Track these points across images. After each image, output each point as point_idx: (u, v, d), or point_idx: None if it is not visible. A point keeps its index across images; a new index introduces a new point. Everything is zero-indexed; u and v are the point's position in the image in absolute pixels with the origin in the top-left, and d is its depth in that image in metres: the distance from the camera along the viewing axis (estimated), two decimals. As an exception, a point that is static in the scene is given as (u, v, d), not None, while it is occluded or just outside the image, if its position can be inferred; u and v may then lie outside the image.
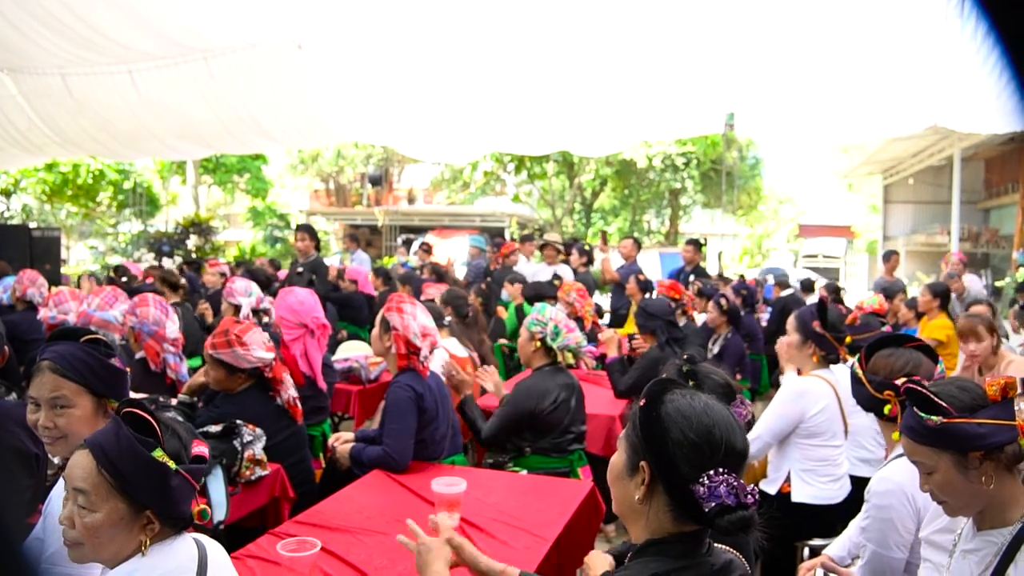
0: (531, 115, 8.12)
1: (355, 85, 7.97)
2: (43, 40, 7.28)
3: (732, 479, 1.39)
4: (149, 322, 3.79)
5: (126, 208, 19.50)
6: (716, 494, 1.38)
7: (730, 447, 1.42)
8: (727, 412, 1.47)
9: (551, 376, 3.83)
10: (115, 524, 1.55)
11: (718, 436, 1.42)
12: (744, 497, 1.38)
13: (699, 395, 1.50)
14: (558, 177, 22.88)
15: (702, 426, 1.43)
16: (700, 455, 1.41)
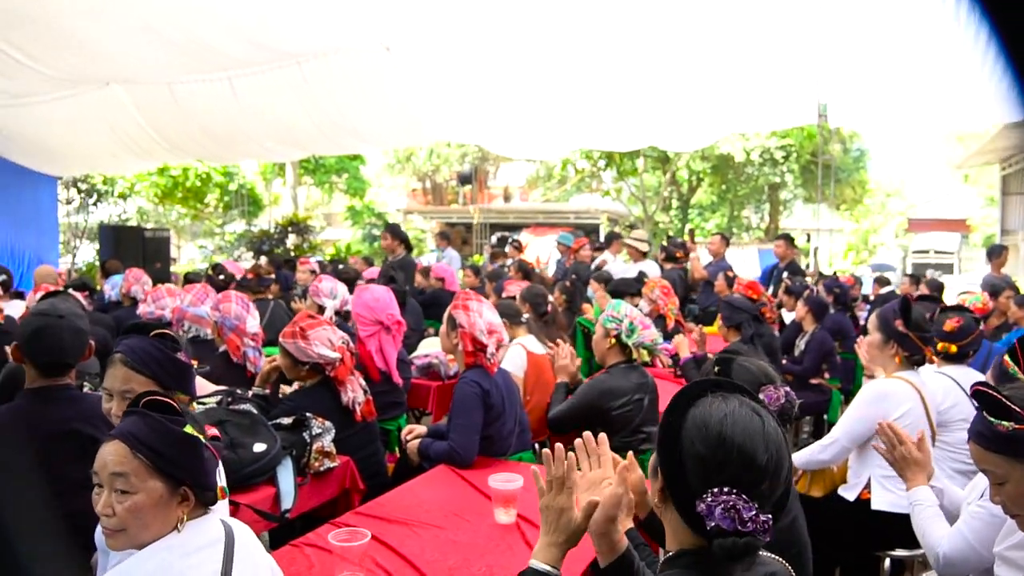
0: (619, 110, 8.05)
1: (443, 84, 8.08)
2: (152, 53, 7.69)
3: (733, 499, 1.29)
4: (231, 317, 3.97)
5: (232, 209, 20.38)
6: (713, 514, 1.30)
7: (747, 461, 1.32)
8: (754, 423, 1.36)
9: (625, 374, 3.79)
10: (156, 503, 1.62)
11: (730, 450, 1.33)
12: (742, 524, 1.29)
13: (731, 400, 1.39)
14: (653, 173, 22.58)
15: (714, 438, 1.34)
16: (706, 469, 1.33)
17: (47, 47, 7.88)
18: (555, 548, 1.65)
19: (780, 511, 1.37)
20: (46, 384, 2.70)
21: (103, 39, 7.49)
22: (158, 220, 21.32)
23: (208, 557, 1.65)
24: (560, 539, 1.65)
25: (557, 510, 1.66)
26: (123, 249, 11.92)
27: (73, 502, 2.56)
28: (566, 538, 1.65)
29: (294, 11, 6.85)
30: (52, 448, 2.59)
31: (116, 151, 10.68)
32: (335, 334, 3.40)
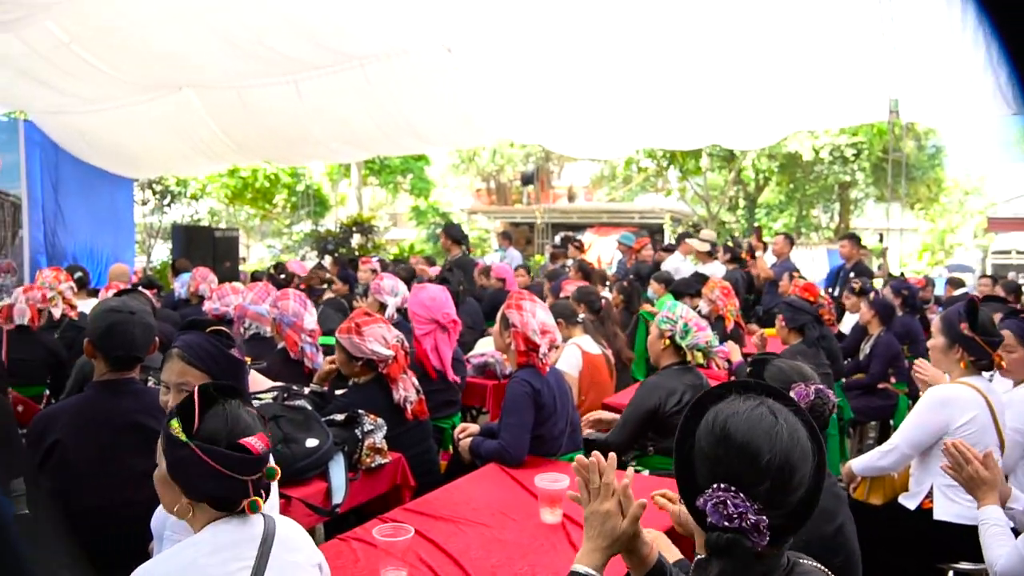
0: (682, 107, 7.96)
1: (504, 85, 8.12)
2: (222, 58, 7.92)
3: (723, 494, 1.29)
4: (288, 314, 4.07)
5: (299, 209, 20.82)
6: (708, 509, 1.30)
7: (748, 458, 1.31)
8: (764, 422, 1.35)
9: (678, 375, 3.76)
10: None
11: (731, 446, 1.32)
12: (728, 519, 1.28)
13: (749, 400, 1.38)
14: (718, 172, 22.25)
15: (718, 434, 1.34)
16: (709, 465, 1.34)
17: (125, 55, 8.19)
18: (598, 553, 1.64)
19: (799, 519, 1.34)
20: (114, 377, 2.81)
21: (176, 46, 7.75)
22: (228, 220, 21.92)
23: (238, 555, 1.66)
24: (604, 544, 1.64)
25: (601, 515, 1.64)
26: (194, 248, 12.26)
27: (135, 492, 2.65)
28: (610, 543, 1.64)
29: (358, 14, 6.97)
30: (117, 439, 2.69)
31: (188, 153, 11.02)
32: (390, 332, 3.45)
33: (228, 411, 1.71)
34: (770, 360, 2.42)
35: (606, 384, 4.86)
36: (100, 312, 2.89)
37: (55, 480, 2.68)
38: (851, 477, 3.52)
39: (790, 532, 1.36)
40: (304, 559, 1.79)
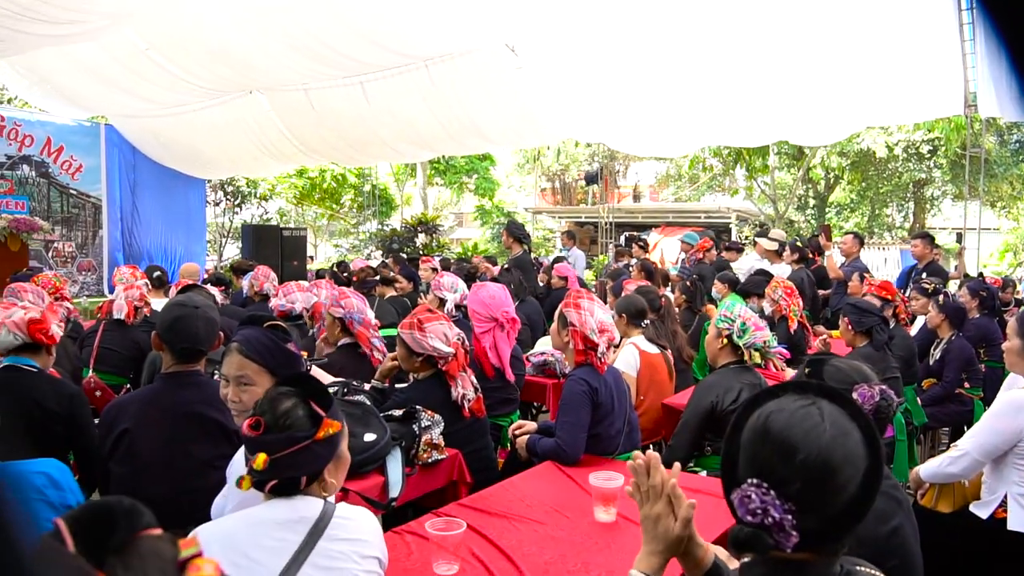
0: (747, 104, 7.82)
1: (567, 83, 8.12)
2: (291, 62, 8.12)
3: (750, 488, 1.28)
4: (355, 311, 4.14)
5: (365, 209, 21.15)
6: (735, 503, 1.30)
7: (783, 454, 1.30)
8: (807, 421, 1.33)
9: (736, 374, 3.71)
10: None
11: (767, 441, 1.32)
12: (751, 514, 1.27)
13: (799, 399, 1.37)
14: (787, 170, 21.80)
15: (758, 429, 1.34)
16: (746, 459, 1.34)
17: (198, 60, 8.46)
18: (655, 557, 1.61)
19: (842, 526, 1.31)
20: (179, 369, 2.90)
21: (247, 51, 7.97)
22: (296, 220, 22.41)
23: (275, 533, 1.72)
24: (659, 548, 1.61)
25: (654, 518, 1.62)
26: (263, 247, 12.57)
27: (197, 480, 2.74)
28: (665, 547, 1.61)
29: (422, 16, 7.05)
30: (180, 429, 2.78)
31: (258, 155, 11.31)
32: (451, 329, 3.48)
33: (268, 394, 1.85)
34: (828, 360, 2.36)
35: (665, 384, 4.80)
36: (167, 307, 3.00)
37: (123, 467, 2.78)
38: (919, 483, 3.41)
39: (832, 539, 1.33)
40: (359, 549, 1.81)
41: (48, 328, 3.20)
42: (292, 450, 1.73)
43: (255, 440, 1.73)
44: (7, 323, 3.15)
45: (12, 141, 11.41)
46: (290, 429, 1.74)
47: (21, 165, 11.54)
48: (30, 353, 3.21)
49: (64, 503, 2.07)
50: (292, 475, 1.75)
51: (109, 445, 2.82)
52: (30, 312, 3.20)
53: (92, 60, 8.75)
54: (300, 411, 1.77)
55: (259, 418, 1.75)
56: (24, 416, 3.05)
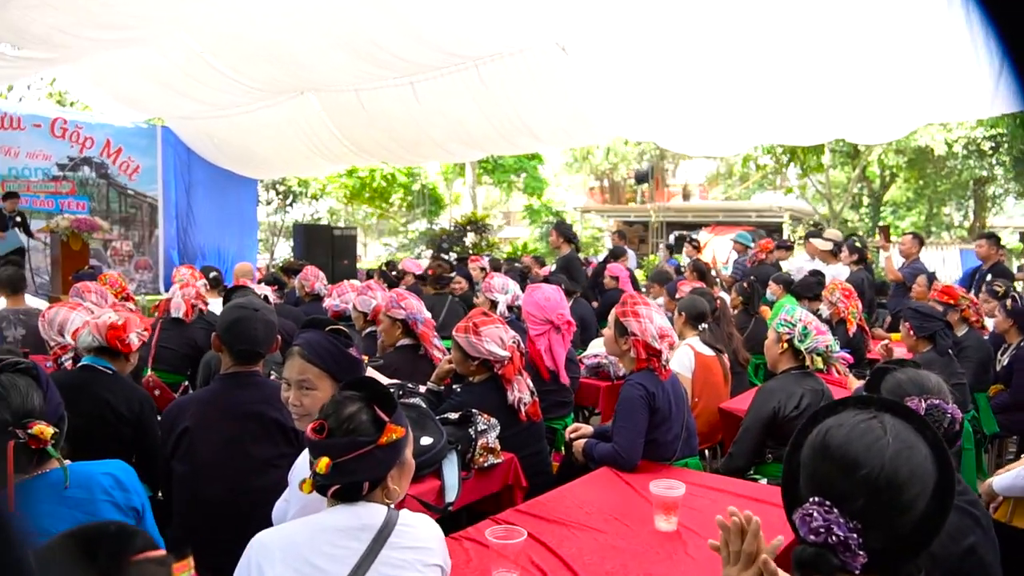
0: (803, 101, 7.65)
1: (619, 82, 8.04)
2: (342, 63, 8.19)
3: (812, 507, 1.24)
4: (415, 311, 4.15)
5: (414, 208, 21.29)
6: (797, 523, 1.26)
7: (844, 469, 1.26)
8: (869, 435, 1.28)
9: (797, 380, 3.62)
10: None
11: (827, 456, 1.28)
12: (813, 533, 1.22)
13: (861, 413, 1.32)
14: (841, 168, 21.36)
15: (818, 444, 1.30)
16: (806, 476, 1.30)
17: (251, 61, 8.57)
18: None
19: (912, 545, 1.26)
20: (238, 370, 2.93)
21: (299, 52, 8.05)
22: (347, 219, 22.65)
23: (337, 540, 1.70)
24: None
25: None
26: (314, 246, 12.71)
27: (255, 479, 2.76)
28: None
29: (472, 16, 7.04)
30: (239, 429, 2.80)
31: (309, 155, 11.43)
32: (507, 333, 3.46)
33: (334, 398, 1.86)
34: (892, 371, 2.27)
35: (720, 387, 4.72)
36: (227, 309, 3.03)
37: (184, 466, 2.81)
38: (991, 496, 3.27)
39: (902, 559, 1.27)
40: (422, 557, 1.79)
41: (125, 337, 3.26)
42: (355, 455, 1.71)
43: (318, 444, 1.73)
44: (91, 324, 3.25)
45: (74, 143, 11.71)
46: (353, 433, 1.73)
47: (82, 166, 11.84)
48: (108, 356, 3.28)
49: (129, 504, 2.09)
50: (354, 480, 1.74)
51: (171, 444, 2.86)
52: (114, 318, 3.26)
53: (149, 63, 8.93)
54: (364, 416, 1.76)
55: (323, 421, 1.75)
56: (96, 417, 3.11)
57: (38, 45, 7.66)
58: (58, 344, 3.54)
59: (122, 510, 2.07)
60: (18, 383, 1.97)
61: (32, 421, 1.92)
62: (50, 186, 11.50)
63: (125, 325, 3.27)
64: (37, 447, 1.93)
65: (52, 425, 1.96)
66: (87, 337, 3.24)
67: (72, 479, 2.00)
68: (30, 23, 6.78)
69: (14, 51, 7.73)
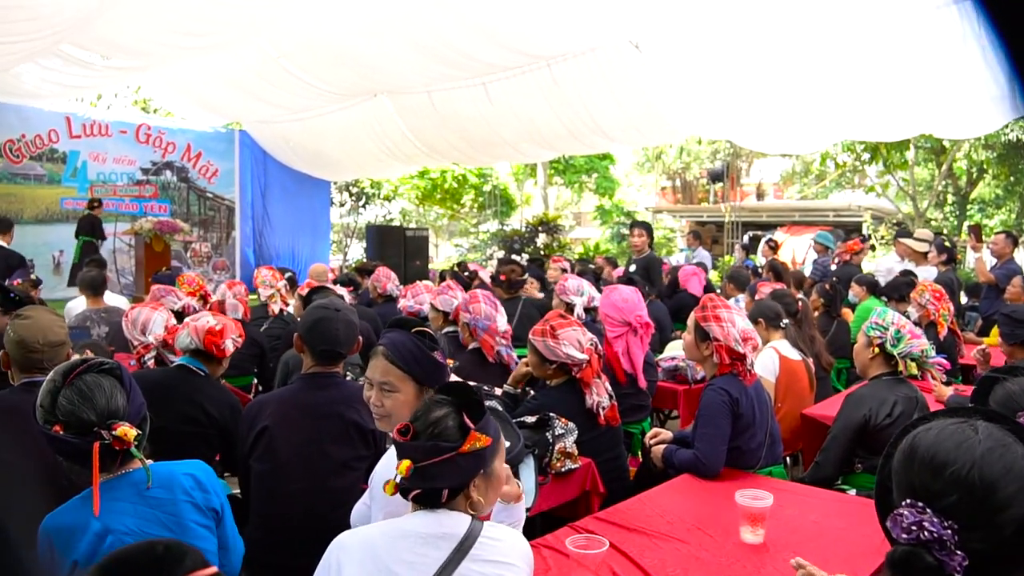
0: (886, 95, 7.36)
1: (693, 79, 7.89)
2: (415, 65, 8.24)
3: (904, 508, 1.19)
4: (482, 317, 4.10)
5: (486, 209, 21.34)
6: (889, 526, 1.21)
7: (935, 468, 1.21)
8: (959, 435, 1.24)
9: (890, 386, 3.45)
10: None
11: (916, 456, 1.23)
12: (905, 531, 1.17)
13: (951, 421, 1.27)
14: (925, 165, 20.59)
15: (908, 447, 1.25)
16: (897, 478, 1.26)
17: (325, 65, 8.70)
18: None
19: (1015, 548, 1.18)
20: (318, 371, 2.94)
21: (372, 55, 8.13)
22: (418, 220, 22.86)
23: (425, 549, 1.66)
24: None
25: None
26: (387, 247, 12.85)
27: (334, 479, 2.76)
28: None
29: (545, 15, 6.99)
30: (318, 428, 2.81)
31: (382, 156, 11.55)
32: (584, 335, 3.38)
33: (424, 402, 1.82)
34: (1002, 380, 2.13)
35: (805, 392, 4.56)
36: (310, 309, 3.05)
37: (263, 464, 2.83)
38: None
39: (1007, 565, 1.19)
40: (504, 573, 1.73)
41: (222, 342, 3.33)
42: (436, 460, 1.67)
43: (402, 446, 1.71)
44: (191, 326, 3.32)
45: (157, 148, 12.09)
46: (437, 438, 1.69)
47: (164, 171, 12.22)
48: (203, 358, 3.34)
49: (209, 505, 2.09)
50: (435, 486, 1.70)
51: (250, 442, 2.88)
52: (212, 322, 3.33)
53: (228, 69, 9.15)
54: (451, 421, 1.72)
55: (409, 424, 1.72)
56: (188, 417, 3.17)
57: (124, 55, 7.93)
58: (141, 343, 3.61)
59: (202, 510, 2.07)
60: (103, 384, 1.99)
61: (116, 422, 1.94)
62: (134, 190, 11.89)
63: (223, 331, 3.33)
64: (121, 448, 1.94)
65: (135, 426, 1.98)
66: (185, 338, 3.31)
67: (154, 479, 2.02)
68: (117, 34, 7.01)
69: (103, 61, 8.01)
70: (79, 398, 1.95)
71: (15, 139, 10.77)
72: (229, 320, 3.48)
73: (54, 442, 1.95)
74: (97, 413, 1.94)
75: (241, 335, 3.51)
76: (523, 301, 6.20)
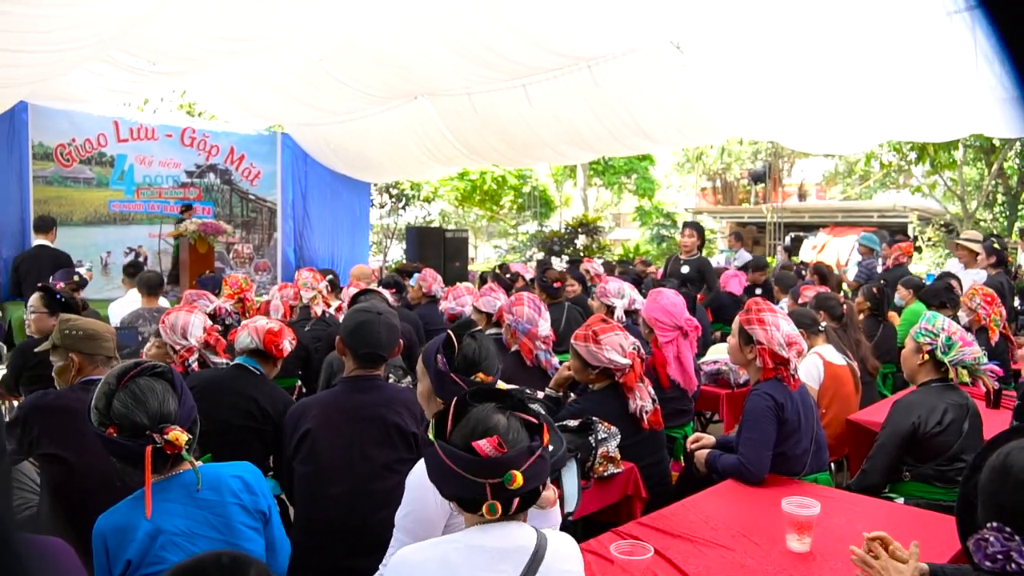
0: (932, 93, 7.20)
1: (735, 79, 7.78)
2: (455, 67, 8.26)
3: (990, 533, 1.16)
4: (523, 321, 4.09)
5: (525, 210, 21.33)
6: (971, 548, 1.19)
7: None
8: None
9: (939, 393, 3.37)
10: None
11: (1008, 477, 1.18)
12: (989, 559, 1.15)
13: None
14: (974, 165, 20.12)
15: (999, 467, 1.21)
16: (984, 498, 1.21)
17: (365, 68, 8.76)
18: None
19: None
20: (361, 374, 2.96)
21: (413, 58, 8.17)
22: (458, 221, 22.93)
23: (502, 564, 1.62)
24: None
25: None
26: (426, 249, 12.90)
27: (376, 482, 2.77)
28: None
29: (585, 16, 6.97)
30: (360, 431, 2.83)
31: (422, 158, 11.60)
32: (627, 339, 3.36)
33: (473, 413, 1.69)
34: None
35: (850, 398, 4.48)
36: (351, 312, 3.07)
37: (306, 467, 2.85)
38: None
39: None
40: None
41: (281, 342, 3.40)
42: (532, 461, 1.64)
43: (502, 459, 1.60)
44: (250, 327, 3.40)
45: (201, 151, 12.27)
46: (522, 441, 1.66)
47: (208, 173, 12.40)
48: (259, 358, 3.40)
49: (257, 507, 2.12)
50: (536, 487, 1.67)
51: (293, 445, 2.91)
52: (272, 324, 3.39)
53: (271, 73, 9.26)
54: (515, 421, 1.69)
55: (499, 436, 1.63)
56: (245, 413, 3.23)
57: (171, 60, 8.06)
58: (184, 347, 3.66)
59: (250, 513, 2.10)
60: (155, 387, 2.03)
61: (168, 427, 1.97)
62: (179, 192, 12.08)
63: (281, 331, 3.41)
64: (172, 452, 1.97)
65: (186, 429, 2.01)
66: (246, 339, 3.39)
67: (203, 481, 2.04)
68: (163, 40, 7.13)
69: (150, 67, 8.15)
70: (133, 401, 1.98)
71: (66, 143, 11.00)
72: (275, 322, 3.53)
73: (108, 444, 1.99)
74: (150, 416, 1.97)
75: (293, 337, 3.57)
76: (568, 306, 6.17)
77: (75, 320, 2.98)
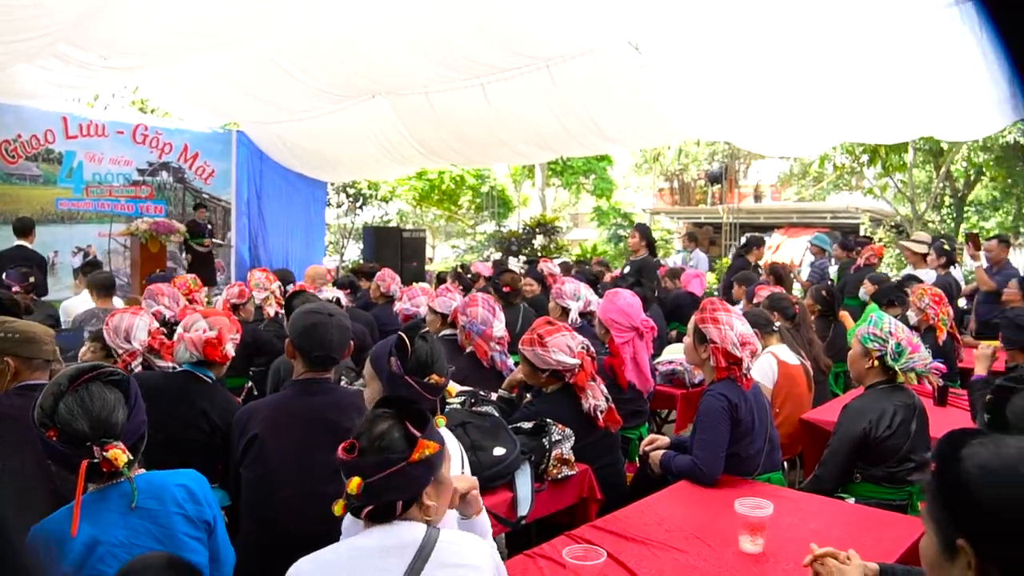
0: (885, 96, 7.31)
1: (693, 80, 7.84)
2: (413, 65, 8.20)
3: None
4: (478, 322, 4.06)
5: (483, 210, 21.30)
6: None
7: None
8: None
9: (888, 395, 3.39)
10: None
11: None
12: None
13: (1006, 440, 1.18)
14: (923, 167, 20.55)
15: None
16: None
17: (323, 64, 8.65)
18: None
19: None
20: (311, 377, 2.89)
21: (371, 54, 8.09)
22: (415, 221, 22.83)
23: (385, 561, 1.65)
24: None
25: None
26: (383, 248, 12.80)
27: (325, 485, 2.71)
28: None
29: (544, 16, 6.95)
30: (310, 435, 2.77)
31: (380, 158, 11.51)
32: (574, 339, 3.35)
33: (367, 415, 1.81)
34: (1018, 390, 2.08)
35: (803, 397, 4.53)
36: (301, 314, 2.98)
37: (254, 472, 2.78)
38: None
39: None
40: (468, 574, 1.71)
41: (221, 348, 3.22)
42: (386, 473, 1.65)
43: (349, 463, 1.67)
44: (185, 339, 3.17)
45: (154, 149, 12.04)
46: (385, 451, 1.67)
47: (160, 171, 12.16)
48: (205, 364, 3.23)
49: (201, 517, 2.05)
50: (388, 499, 1.68)
51: (240, 450, 2.83)
52: (210, 333, 3.22)
53: (227, 69, 9.10)
54: (395, 433, 1.70)
55: (354, 441, 1.69)
56: (192, 425, 3.10)
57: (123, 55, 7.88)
58: (126, 351, 3.54)
59: (193, 523, 2.03)
60: (107, 396, 1.94)
61: (110, 443, 1.89)
62: (130, 190, 11.84)
63: (220, 337, 3.20)
64: (108, 470, 1.90)
65: (131, 445, 1.93)
66: (184, 353, 3.17)
67: (146, 488, 1.98)
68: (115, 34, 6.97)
69: (102, 61, 7.95)
70: (79, 408, 1.90)
71: (11, 139, 10.71)
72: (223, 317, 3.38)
73: (45, 446, 1.91)
74: (92, 427, 1.89)
75: (238, 329, 3.43)
76: (523, 307, 6.14)
77: (11, 322, 2.86)
